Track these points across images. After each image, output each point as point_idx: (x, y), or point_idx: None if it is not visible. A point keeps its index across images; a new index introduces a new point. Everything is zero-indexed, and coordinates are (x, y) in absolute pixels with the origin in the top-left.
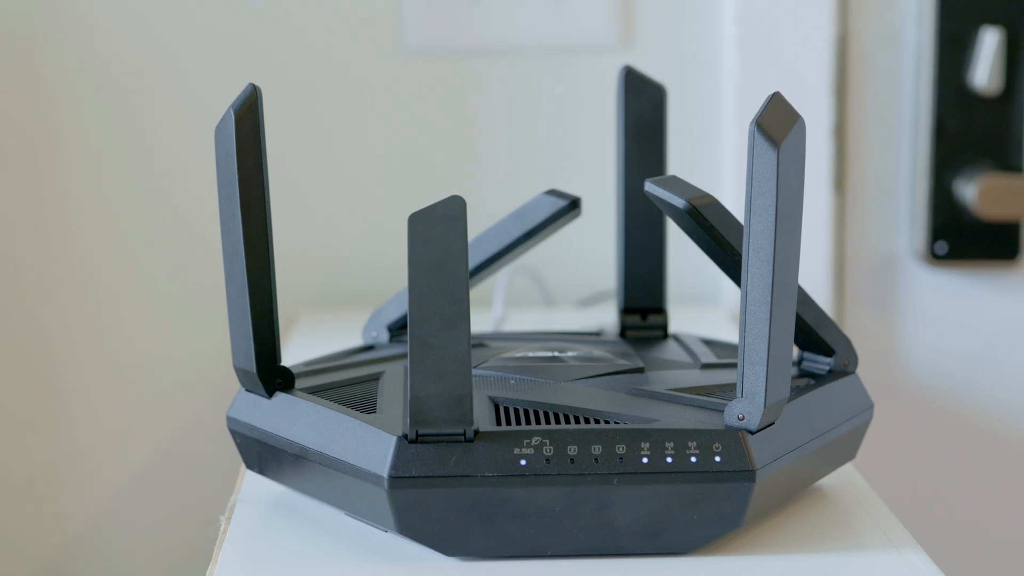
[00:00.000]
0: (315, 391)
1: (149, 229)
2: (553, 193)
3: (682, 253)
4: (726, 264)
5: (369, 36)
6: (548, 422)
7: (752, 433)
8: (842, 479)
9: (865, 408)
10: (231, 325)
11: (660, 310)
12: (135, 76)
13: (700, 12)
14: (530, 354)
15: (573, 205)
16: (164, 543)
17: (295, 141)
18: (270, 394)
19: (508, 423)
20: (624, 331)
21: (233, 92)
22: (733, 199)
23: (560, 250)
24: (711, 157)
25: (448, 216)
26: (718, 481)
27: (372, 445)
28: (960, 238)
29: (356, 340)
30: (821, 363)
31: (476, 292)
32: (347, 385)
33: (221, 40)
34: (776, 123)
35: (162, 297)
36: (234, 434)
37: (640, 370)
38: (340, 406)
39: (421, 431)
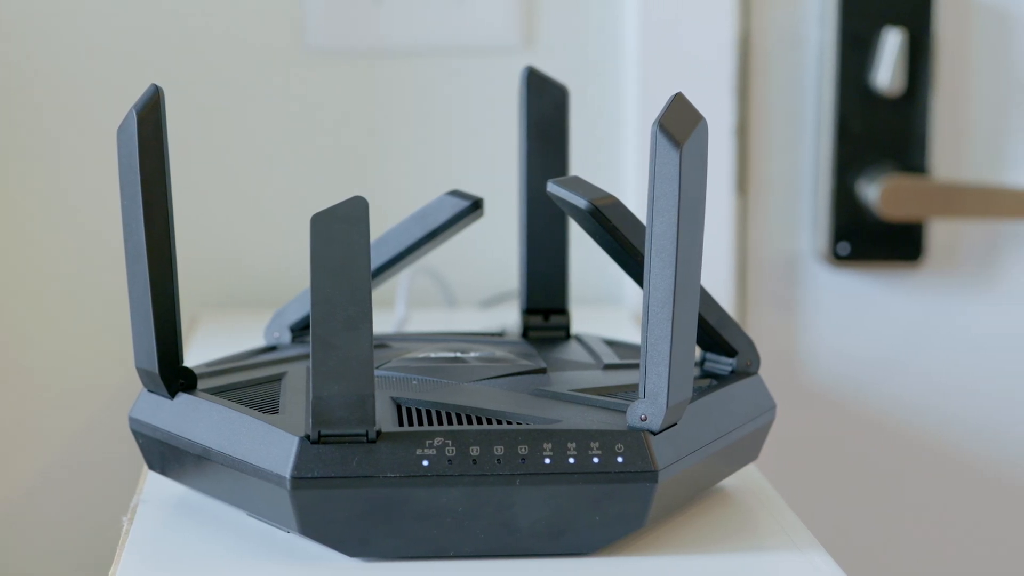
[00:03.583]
0: (217, 392)
1: (51, 229)
2: (455, 194)
3: (585, 254)
4: (628, 265)
5: (270, 36)
6: (450, 423)
7: (654, 434)
8: (744, 480)
9: (767, 409)
10: (133, 326)
11: (562, 311)
12: (35, 76)
13: (602, 13)
14: (432, 355)
15: (475, 206)
16: (66, 544)
17: (197, 142)
18: (172, 395)
19: (410, 424)
20: (526, 332)
21: (134, 92)
22: (636, 200)
23: (462, 251)
24: (614, 158)
25: (350, 217)
26: (620, 482)
27: (274, 446)
28: (862, 239)
29: (258, 341)
30: (724, 364)
31: (378, 293)
32: (249, 386)
33: (122, 40)
34: (678, 124)
35: (64, 297)
36: (136, 435)
37: (542, 371)
38: (242, 407)
39: (323, 432)
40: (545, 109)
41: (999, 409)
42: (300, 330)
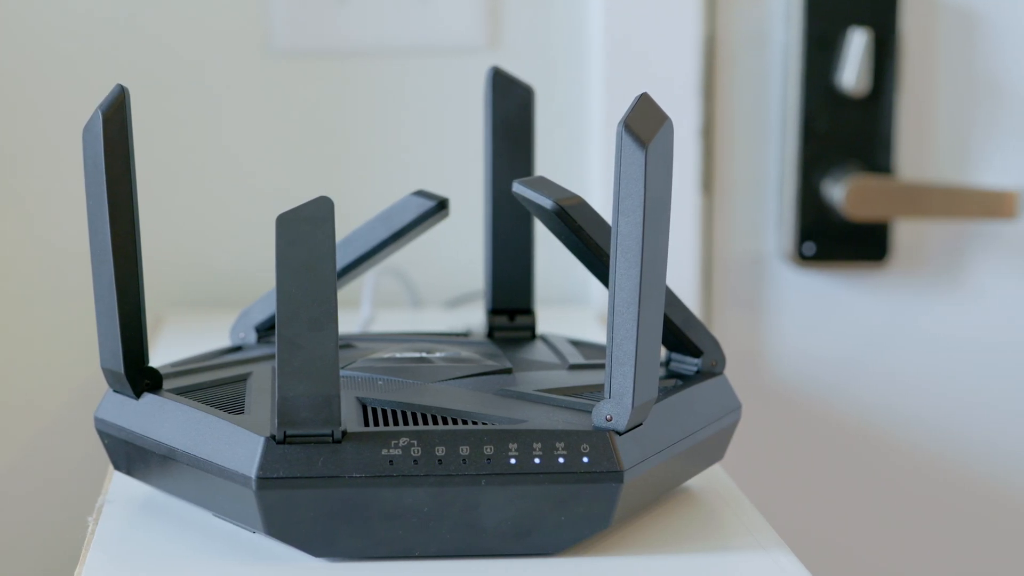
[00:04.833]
0: (183, 392)
1: (15, 229)
2: (421, 194)
3: (550, 254)
4: (594, 265)
5: (235, 37)
6: (416, 423)
7: (620, 434)
8: (710, 480)
9: (733, 409)
10: (99, 326)
11: (528, 311)
12: None
13: (568, 13)
14: (398, 355)
15: (441, 206)
16: (31, 544)
17: (162, 142)
18: (138, 395)
19: (376, 424)
20: (492, 332)
21: (98, 93)
22: (601, 200)
23: (428, 251)
24: (579, 158)
25: (316, 217)
26: (586, 482)
27: (240, 446)
28: (828, 239)
29: (224, 341)
30: (689, 364)
31: (343, 293)
32: (215, 386)
33: (85, 40)
34: (644, 124)
35: (28, 297)
36: (102, 435)
37: (508, 371)
38: (208, 407)
39: (289, 432)
40: (511, 109)
41: (962, 409)
42: (266, 330)
